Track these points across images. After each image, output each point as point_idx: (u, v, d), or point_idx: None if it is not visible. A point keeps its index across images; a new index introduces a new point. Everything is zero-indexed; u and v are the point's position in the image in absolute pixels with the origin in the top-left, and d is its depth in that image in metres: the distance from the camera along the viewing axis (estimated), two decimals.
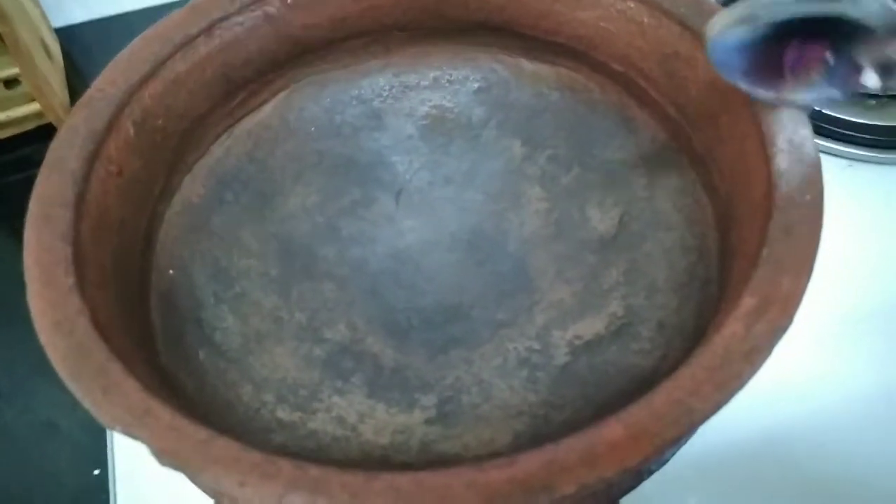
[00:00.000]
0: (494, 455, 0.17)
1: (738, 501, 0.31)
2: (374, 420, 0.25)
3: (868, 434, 0.31)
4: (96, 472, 0.33)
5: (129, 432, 0.17)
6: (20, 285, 0.21)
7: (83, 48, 0.51)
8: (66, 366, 0.18)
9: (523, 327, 0.28)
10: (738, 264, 0.21)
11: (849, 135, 0.40)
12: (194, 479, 0.17)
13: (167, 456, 0.17)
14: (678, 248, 0.27)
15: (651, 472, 0.22)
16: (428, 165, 0.33)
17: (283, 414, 0.25)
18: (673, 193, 0.29)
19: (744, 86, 0.22)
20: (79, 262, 0.21)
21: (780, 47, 0.21)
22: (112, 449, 0.33)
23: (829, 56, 0.20)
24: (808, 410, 0.32)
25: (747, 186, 0.23)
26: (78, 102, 0.25)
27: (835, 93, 0.21)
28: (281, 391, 0.26)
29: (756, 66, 0.21)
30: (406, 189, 0.32)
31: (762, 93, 0.22)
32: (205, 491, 0.22)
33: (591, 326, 0.27)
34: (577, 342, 0.27)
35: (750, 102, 0.24)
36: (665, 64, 0.28)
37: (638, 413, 0.17)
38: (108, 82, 0.26)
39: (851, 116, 0.41)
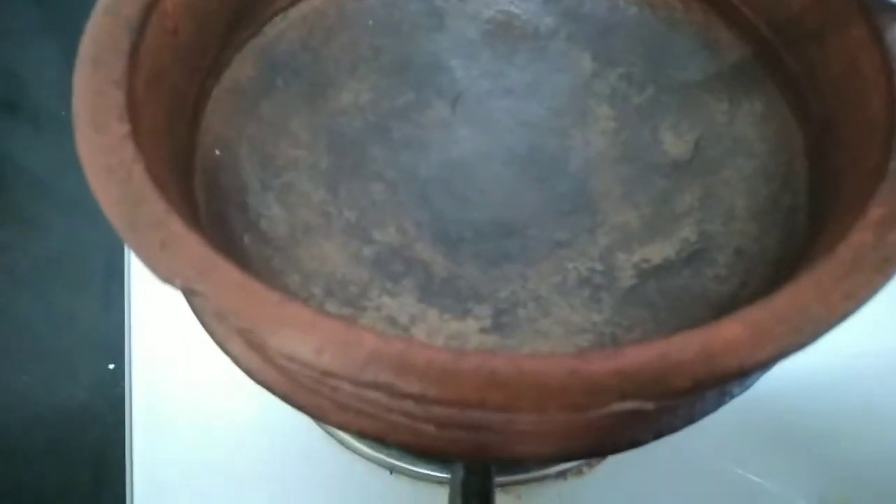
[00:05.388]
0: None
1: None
2: (427, 324, 0.24)
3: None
4: (111, 366, 0.32)
5: (190, 288, 0.16)
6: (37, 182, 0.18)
7: None
8: (119, 213, 0.17)
9: (584, 247, 0.26)
10: (852, 181, 0.20)
11: None
12: (263, 341, 0.15)
13: (234, 315, 0.15)
14: (760, 176, 0.26)
15: (733, 397, 0.20)
16: (488, 74, 0.30)
17: (332, 307, 0.23)
18: (756, 119, 0.27)
19: None
20: (133, 112, 0.19)
21: None
22: (129, 343, 0.31)
23: None
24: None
25: (859, 105, 0.21)
26: None
27: None
28: (329, 285, 0.24)
29: None
30: (463, 96, 0.30)
31: None
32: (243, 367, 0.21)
33: (660, 250, 0.25)
34: (644, 265, 0.25)
35: (868, 14, 0.22)
36: None
37: (758, 314, 0.15)
38: None
39: None
